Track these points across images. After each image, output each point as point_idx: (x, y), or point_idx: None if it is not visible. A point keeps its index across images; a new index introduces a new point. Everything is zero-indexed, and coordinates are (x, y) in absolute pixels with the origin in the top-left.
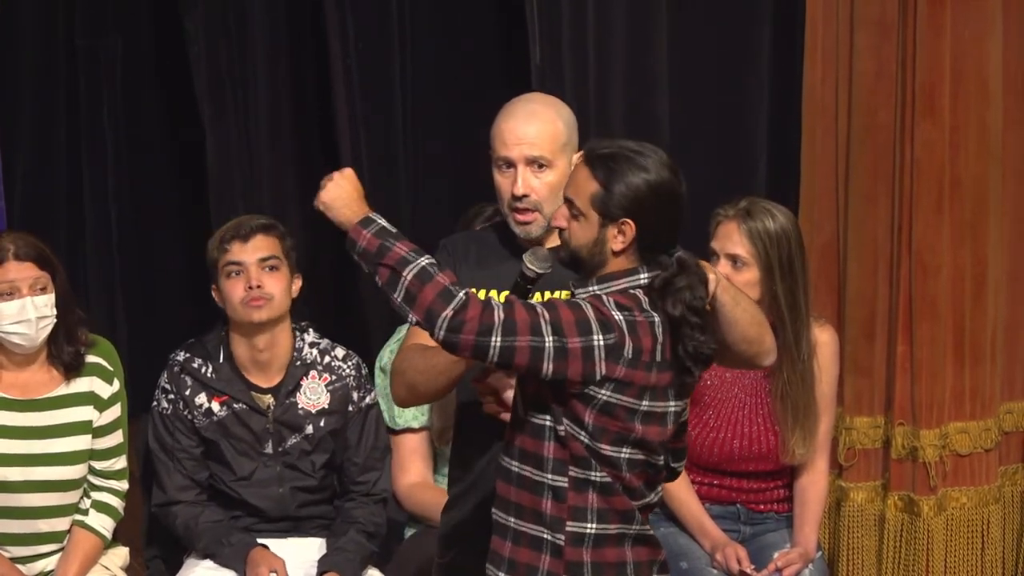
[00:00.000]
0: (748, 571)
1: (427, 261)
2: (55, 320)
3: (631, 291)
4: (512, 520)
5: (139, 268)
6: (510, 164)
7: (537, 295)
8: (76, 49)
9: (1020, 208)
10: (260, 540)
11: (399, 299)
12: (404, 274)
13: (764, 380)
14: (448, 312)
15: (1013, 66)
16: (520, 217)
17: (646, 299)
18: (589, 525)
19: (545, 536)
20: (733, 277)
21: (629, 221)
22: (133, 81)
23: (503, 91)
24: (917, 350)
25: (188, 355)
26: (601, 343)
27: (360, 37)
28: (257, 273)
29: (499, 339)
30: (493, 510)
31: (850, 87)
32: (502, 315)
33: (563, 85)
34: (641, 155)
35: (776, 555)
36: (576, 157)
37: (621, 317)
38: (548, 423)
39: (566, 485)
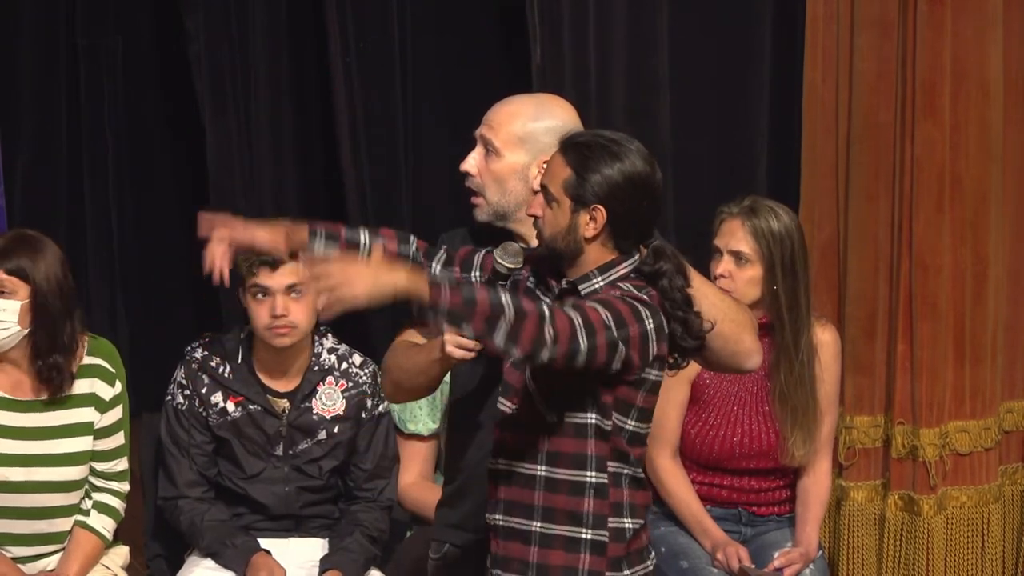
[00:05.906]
0: (746, 564)
1: (509, 297)
2: (19, 329)
3: (633, 275)
4: (537, 524)
5: (139, 268)
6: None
7: None
8: (77, 49)
9: (1020, 207)
10: (262, 539)
11: (500, 343)
12: (501, 319)
13: (764, 379)
14: (548, 332)
15: (1013, 66)
16: (472, 199)
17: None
18: (627, 520)
19: (584, 536)
20: (736, 274)
21: (600, 207)
22: (133, 81)
23: (503, 91)
24: (917, 349)
25: (206, 353)
26: (651, 326)
27: (360, 37)
28: (283, 301)
29: (584, 341)
30: (502, 517)
31: (850, 87)
32: (578, 316)
33: (563, 85)
34: (616, 143)
35: (777, 554)
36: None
37: (647, 296)
38: (592, 420)
39: (607, 481)
